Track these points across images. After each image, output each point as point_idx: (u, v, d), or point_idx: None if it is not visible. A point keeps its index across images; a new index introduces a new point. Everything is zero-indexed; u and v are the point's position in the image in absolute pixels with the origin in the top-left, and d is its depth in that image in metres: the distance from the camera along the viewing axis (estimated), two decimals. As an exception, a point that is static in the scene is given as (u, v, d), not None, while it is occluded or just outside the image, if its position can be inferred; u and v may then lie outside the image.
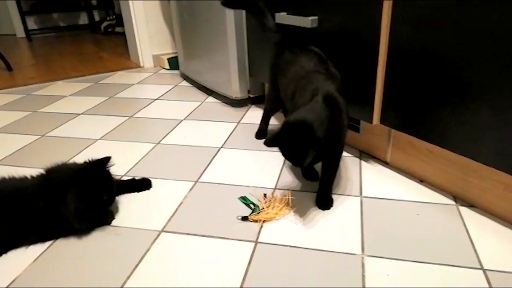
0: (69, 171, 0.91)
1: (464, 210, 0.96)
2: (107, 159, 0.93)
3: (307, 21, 1.16)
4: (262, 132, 1.41)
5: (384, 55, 1.01)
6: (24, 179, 0.94)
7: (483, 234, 0.87)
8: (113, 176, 0.96)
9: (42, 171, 0.94)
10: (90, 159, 0.94)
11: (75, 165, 0.96)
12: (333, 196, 1.01)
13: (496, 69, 0.79)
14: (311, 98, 0.90)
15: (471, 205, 0.97)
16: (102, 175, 0.94)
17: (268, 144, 0.85)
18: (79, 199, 0.86)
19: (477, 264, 0.79)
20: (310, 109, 0.86)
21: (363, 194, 1.04)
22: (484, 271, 0.77)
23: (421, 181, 1.08)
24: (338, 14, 1.10)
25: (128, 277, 0.79)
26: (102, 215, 0.96)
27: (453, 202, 0.99)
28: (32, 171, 0.97)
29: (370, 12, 1.00)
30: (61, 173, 0.91)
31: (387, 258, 0.81)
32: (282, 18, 1.28)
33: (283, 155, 0.86)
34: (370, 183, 1.09)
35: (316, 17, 1.16)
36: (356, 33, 1.06)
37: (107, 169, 0.95)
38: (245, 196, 1.03)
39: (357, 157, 1.23)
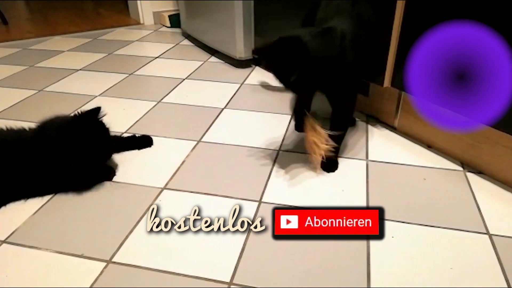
0: (62, 125, 0.86)
1: (471, 176, 0.94)
2: (97, 109, 0.88)
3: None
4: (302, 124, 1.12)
5: (400, 16, 0.96)
6: (22, 131, 0.92)
7: (490, 200, 0.86)
8: (107, 126, 0.92)
9: (38, 124, 0.90)
10: (80, 111, 0.88)
11: (67, 118, 0.90)
12: (339, 159, 0.99)
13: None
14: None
15: (479, 172, 0.95)
16: (96, 127, 0.89)
17: (257, 52, 0.81)
18: (76, 156, 0.83)
19: (483, 229, 0.78)
20: (310, 32, 0.81)
21: (369, 158, 1.02)
22: (490, 235, 0.77)
23: (429, 146, 1.06)
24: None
25: (130, 232, 0.78)
26: (102, 170, 0.94)
27: (460, 168, 0.97)
28: (30, 125, 0.94)
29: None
30: (54, 129, 0.86)
31: (392, 220, 0.80)
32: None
33: (271, 70, 0.83)
34: (377, 147, 1.06)
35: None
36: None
37: (100, 120, 0.90)
38: None
39: (364, 121, 1.20)
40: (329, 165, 0.97)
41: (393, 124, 1.15)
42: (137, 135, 1.10)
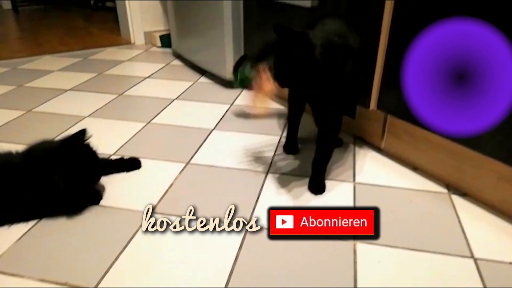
0: (48, 150, 0.86)
1: (456, 198, 0.95)
2: (82, 132, 0.88)
3: (307, 1, 1.13)
4: (290, 144, 1.16)
5: (385, 39, 0.99)
6: (9, 155, 0.91)
7: (474, 223, 0.87)
8: (94, 149, 0.92)
9: (23, 150, 0.90)
10: (66, 136, 0.88)
11: (54, 143, 0.91)
12: (326, 182, 1.00)
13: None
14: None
15: (463, 194, 0.97)
16: (82, 150, 0.89)
17: (277, 30, 0.79)
18: (65, 179, 0.83)
19: (468, 252, 0.79)
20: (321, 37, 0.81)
21: (356, 181, 1.03)
22: (475, 260, 0.77)
23: (415, 168, 1.07)
24: (338, -5, 1.06)
25: (116, 259, 0.77)
26: (89, 194, 0.93)
27: (445, 190, 0.98)
28: (17, 148, 0.93)
29: (371, -7, 0.97)
30: (41, 153, 0.86)
31: (379, 245, 0.81)
32: (280, -4, 1.24)
33: (275, 63, 0.82)
34: (364, 169, 1.08)
35: (316, -4, 1.12)
36: (357, 15, 1.03)
37: (86, 142, 0.90)
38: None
39: (350, 143, 1.21)
40: (317, 187, 0.98)
41: (379, 145, 1.16)
42: (125, 158, 1.09)
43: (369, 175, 1.05)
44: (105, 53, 2.21)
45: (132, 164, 1.08)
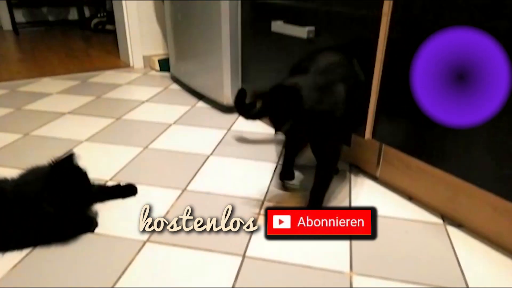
0: (39, 177, 0.85)
1: (452, 229, 0.96)
2: (71, 156, 0.88)
3: (303, 31, 1.16)
4: (286, 172, 1.13)
5: (380, 70, 1.01)
6: (3, 181, 0.91)
7: (470, 255, 0.87)
8: (84, 171, 0.91)
9: (15, 177, 0.90)
10: (54, 159, 0.87)
11: (43, 169, 0.89)
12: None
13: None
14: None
15: (459, 225, 0.97)
16: (72, 173, 0.88)
17: (257, 96, 0.90)
18: (55, 206, 0.82)
19: (463, 284, 0.79)
20: (309, 84, 0.87)
21: (353, 209, 1.03)
22: (471, 293, 0.77)
23: (410, 198, 1.08)
24: (335, 27, 1.09)
25: (110, 290, 0.76)
26: (83, 221, 0.93)
27: (441, 221, 0.99)
28: (13, 172, 0.93)
29: (367, 27, 1.00)
30: (31, 180, 0.86)
31: (375, 277, 0.81)
32: (278, 26, 1.27)
33: (267, 114, 0.89)
34: (360, 198, 1.08)
35: (313, 28, 1.15)
36: (352, 46, 1.05)
37: (76, 166, 0.89)
38: None
39: (346, 170, 1.22)
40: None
41: (375, 174, 1.17)
42: (121, 184, 1.09)
43: (365, 204, 1.05)
44: (103, 76, 2.24)
45: (128, 190, 1.08)
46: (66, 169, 0.87)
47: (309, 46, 1.18)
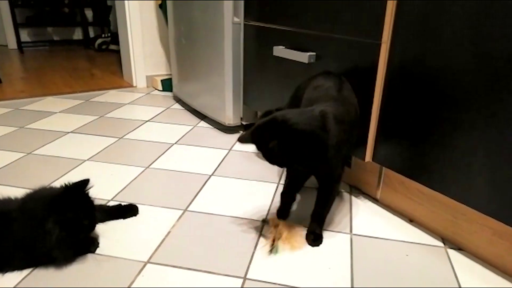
0: (47, 198, 0.86)
1: (452, 253, 0.96)
2: (86, 182, 0.89)
3: (305, 56, 1.19)
4: (284, 210, 1.09)
5: (379, 95, 1.03)
6: (7, 202, 0.91)
7: (471, 278, 0.87)
8: (92, 199, 0.92)
9: (23, 195, 0.90)
10: (67, 183, 0.89)
11: (52, 190, 0.91)
12: (324, 232, 1.00)
13: (491, 113, 0.81)
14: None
15: (459, 248, 0.97)
16: (82, 199, 0.89)
17: (241, 140, 0.90)
18: (60, 228, 0.82)
19: (465, 310, 0.79)
20: (291, 110, 0.90)
21: (353, 232, 1.03)
22: (473, 318, 0.77)
23: (411, 220, 1.08)
24: (335, 52, 1.12)
25: (110, 312, 0.76)
26: (85, 242, 0.93)
27: (441, 244, 0.99)
28: (16, 191, 0.94)
29: (367, 53, 1.02)
30: (38, 201, 0.86)
31: (376, 300, 0.80)
32: (280, 51, 1.30)
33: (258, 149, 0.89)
34: (360, 220, 1.08)
35: (314, 53, 1.18)
36: (352, 71, 1.08)
37: (86, 192, 0.90)
38: None
39: (347, 192, 1.23)
40: (315, 239, 0.98)
41: (375, 196, 1.18)
42: (122, 204, 1.10)
43: (366, 226, 1.06)
44: (107, 96, 2.27)
45: (129, 211, 1.08)
46: (77, 194, 0.88)
47: (310, 71, 1.21)
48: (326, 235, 1.00)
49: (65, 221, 0.83)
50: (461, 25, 0.82)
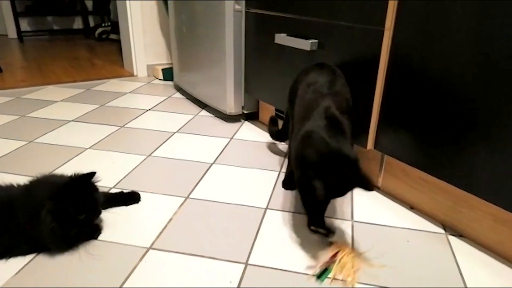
0: (50, 186, 0.86)
1: (453, 239, 0.96)
2: (92, 174, 0.89)
3: (307, 44, 1.18)
4: (290, 180, 1.16)
5: (382, 83, 1.03)
6: (9, 188, 0.92)
7: (471, 264, 0.88)
8: (99, 190, 0.92)
9: (27, 182, 0.91)
10: (75, 173, 0.89)
11: (59, 179, 0.91)
12: (326, 219, 1.01)
13: (499, 103, 0.80)
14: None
15: (460, 235, 0.98)
16: (85, 192, 0.89)
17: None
18: (52, 217, 0.82)
19: (466, 295, 0.79)
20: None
21: (354, 219, 1.03)
22: (473, 303, 0.77)
23: (411, 207, 1.09)
24: (337, 40, 1.11)
25: (113, 296, 0.77)
26: (87, 229, 0.93)
27: (442, 231, 0.99)
28: (18, 178, 0.94)
29: (370, 40, 1.02)
30: (42, 188, 0.86)
31: (377, 286, 0.81)
32: (282, 39, 1.29)
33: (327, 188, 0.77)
34: (362, 207, 1.09)
35: (316, 41, 1.17)
36: (355, 59, 1.07)
37: (93, 183, 0.91)
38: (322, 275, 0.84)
39: (348, 180, 1.23)
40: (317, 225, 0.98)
41: (376, 184, 1.18)
42: (124, 191, 1.10)
43: (367, 213, 1.06)
44: (107, 85, 2.26)
45: (131, 198, 1.09)
46: (80, 186, 0.88)
47: (312, 58, 1.20)
48: (327, 222, 1.01)
49: (58, 211, 0.83)
50: (465, 13, 0.81)
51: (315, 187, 0.75)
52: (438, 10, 0.86)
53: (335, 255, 0.86)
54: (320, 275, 0.83)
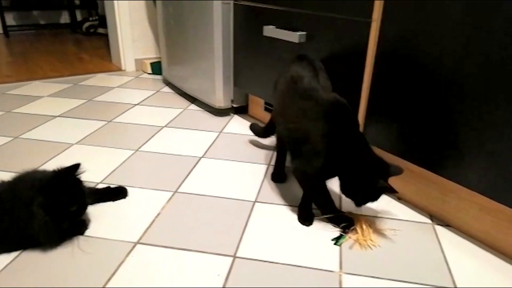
0: (36, 181, 0.85)
1: (440, 229, 0.97)
2: (76, 166, 0.88)
3: (295, 36, 1.17)
4: (278, 173, 1.19)
5: (369, 74, 1.03)
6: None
7: (457, 254, 0.89)
8: (84, 183, 0.91)
9: (10, 179, 0.89)
10: (59, 168, 0.88)
11: (43, 174, 0.90)
12: (314, 211, 1.01)
13: (486, 93, 0.81)
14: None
15: (447, 225, 0.99)
16: (71, 184, 0.88)
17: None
18: (45, 211, 0.81)
19: (451, 283, 0.80)
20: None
21: (343, 209, 1.04)
22: (459, 291, 0.78)
23: (399, 198, 1.09)
24: (325, 32, 1.11)
25: (100, 291, 0.76)
26: (74, 225, 0.92)
27: (429, 221, 1.00)
28: (3, 175, 0.93)
29: (357, 32, 1.01)
30: (28, 183, 0.85)
31: (364, 276, 0.82)
32: (270, 31, 1.28)
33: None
34: (349, 199, 1.09)
35: (304, 33, 1.17)
36: (343, 50, 1.07)
37: (77, 176, 0.89)
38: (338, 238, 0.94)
39: (337, 172, 1.23)
40: (306, 217, 0.99)
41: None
42: (112, 186, 1.09)
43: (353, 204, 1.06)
44: (95, 79, 2.23)
45: (118, 193, 1.08)
46: (67, 179, 0.87)
47: (301, 51, 1.20)
48: (317, 213, 1.01)
49: (50, 205, 0.82)
50: (452, 3, 0.81)
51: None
52: (425, 1, 0.86)
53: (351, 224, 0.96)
54: (337, 240, 0.92)
